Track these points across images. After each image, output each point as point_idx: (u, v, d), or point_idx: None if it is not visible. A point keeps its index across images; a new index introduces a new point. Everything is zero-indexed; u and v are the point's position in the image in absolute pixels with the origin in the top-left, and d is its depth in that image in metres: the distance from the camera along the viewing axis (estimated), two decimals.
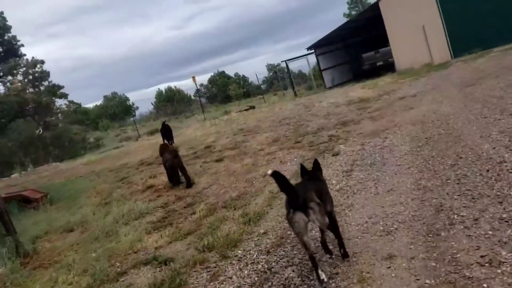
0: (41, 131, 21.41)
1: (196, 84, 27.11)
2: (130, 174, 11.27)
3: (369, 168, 6.69)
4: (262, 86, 70.42)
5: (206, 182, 8.64)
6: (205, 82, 69.09)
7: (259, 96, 41.06)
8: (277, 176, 3.63)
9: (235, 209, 6.44)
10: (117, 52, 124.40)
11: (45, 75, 34.13)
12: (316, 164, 4.40)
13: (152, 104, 52.91)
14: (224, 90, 63.26)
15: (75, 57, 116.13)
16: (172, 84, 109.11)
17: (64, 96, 36.62)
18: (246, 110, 24.34)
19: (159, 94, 52.29)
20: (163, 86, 68.04)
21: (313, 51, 28.10)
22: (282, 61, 30.81)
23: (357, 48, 29.64)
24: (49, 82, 33.63)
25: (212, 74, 68.13)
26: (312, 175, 4.29)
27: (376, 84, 19.83)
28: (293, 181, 4.72)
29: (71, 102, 67.34)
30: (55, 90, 33.44)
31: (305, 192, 3.67)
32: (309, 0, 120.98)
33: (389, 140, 8.03)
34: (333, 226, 3.95)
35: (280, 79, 44.27)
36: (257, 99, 39.40)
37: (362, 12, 27.67)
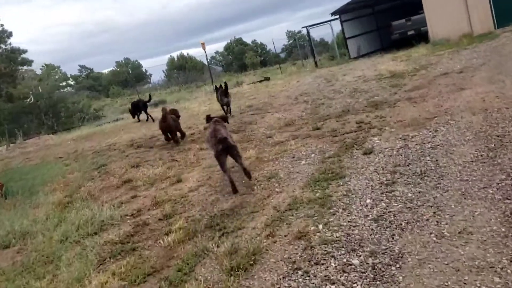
0: (32, 100, 19.58)
1: (205, 51, 24.84)
2: (112, 160, 9.35)
3: (420, 181, 4.60)
4: (281, 55, 67.73)
5: (195, 180, 6.66)
6: (221, 49, 66.60)
7: (277, 65, 38.57)
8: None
9: (222, 234, 4.46)
10: (136, 17, 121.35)
11: (5, 35, 26.94)
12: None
13: (164, 72, 50.79)
14: (240, 58, 60.63)
15: (94, 21, 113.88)
16: (190, 51, 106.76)
17: (28, 63, 28.78)
18: (259, 81, 22.11)
19: (171, 61, 49.86)
20: (176, 54, 65.55)
21: (337, 17, 25.40)
22: (302, 27, 28.25)
23: (387, 15, 26.77)
24: (5, 46, 26.44)
25: (229, 41, 65.41)
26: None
27: (409, 55, 17.32)
28: None
29: (83, 67, 66.05)
30: (15, 56, 26.60)
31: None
32: None
33: (442, 135, 5.87)
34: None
35: (300, 47, 41.50)
36: (275, 68, 36.94)
37: None
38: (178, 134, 9.77)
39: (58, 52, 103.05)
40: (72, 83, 62.19)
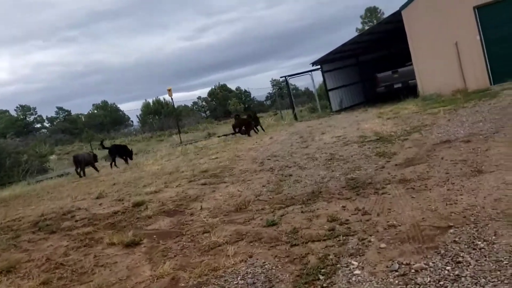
0: None
1: (172, 98, 22.56)
2: None
3: None
4: (265, 102, 66.23)
5: None
6: (205, 95, 64.88)
7: (261, 113, 36.53)
8: None
9: None
10: (127, 60, 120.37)
11: None
12: None
13: (138, 117, 48.23)
14: (224, 105, 58.79)
15: (86, 63, 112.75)
16: (177, 95, 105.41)
17: None
18: (233, 133, 19.80)
19: (146, 105, 47.48)
20: (152, 98, 62.66)
21: (319, 66, 23.59)
22: (281, 77, 26.49)
23: (372, 66, 25.07)
24: None
25: (213, 87, 63.73)
26: None
27: (396, 112, 15.24)
28: None
29: (60, 108, 63.52)
30: None
31: None
32: (325, 16, 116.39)
33: (470, 272, 3.40)
34: None
35: (281, 97, 39.75)
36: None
37: (380, 23, 23.22)
38: None
39: (48, 90, 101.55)
40: (47, 125, 59.63)
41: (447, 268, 3.51)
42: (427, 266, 3.61)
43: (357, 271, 3.79)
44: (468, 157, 6.81)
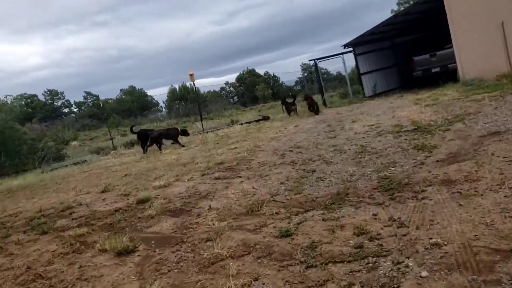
0: None
1: (194, 83, 21.69)
2: None
3: None
4: (295, 87, 64.69)
5: None
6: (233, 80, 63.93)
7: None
8: None
9: None
10: (158, 44, 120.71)
11: None
12: None
13: (164, 102, 47.80)
14: (252, 90, 57.69)
15: (117, 47, 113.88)
16: (201, 81, 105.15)
17: None
18: (257, 121, 18.85)
19: (172, 91, 46.89)
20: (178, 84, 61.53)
21: (351, 49, 22.21)
22: (310, 60, 25.18)
23: (408, 49, 23.46)
24: None
25: (241, 72, 62.63)
26: None
27: (435, 98, 13.92)
28: None
29: (88, 93, 63.95)
30: None
31: None
32: None
33: None
34: None
35: (311, 81, 38.38)
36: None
37: (417, 2, 21.48)
38: None
39: (80, 76, 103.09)
40: (75, 110, 60.27)
41: None
42: None
43: None
44: None
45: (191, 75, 19.84)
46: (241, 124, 18.65)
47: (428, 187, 5.21)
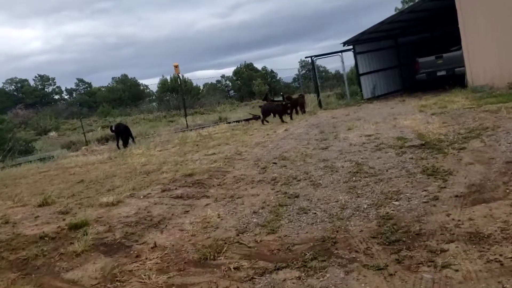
0: None
1: (178, 74, 20.11)
2: None
3: None
4: (293, 84, 63.07)
5: None
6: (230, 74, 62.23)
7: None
8: None
9: None
10: (158, 34, 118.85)
11: None
12: None
13: (154, 94, 45.92)
14: (249, 85, 56.04)
15: (118, 35, 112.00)
16: (197, 73, 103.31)
17: None
18: (247, 120, 17.31)
19: (163, 82, 44.95)
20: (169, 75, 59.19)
21: (351, 47, 20.66)
22: (306, 57, 23.60)
23: (411, 50, 21.92)
24: None
25: (239, 65, 60.84)
26: None
27: (443, 106, 12.42)
28: None
29: (80, 80, 62.07)
30: None
31: None
32: None
33: None
34: None
35: (309, 79, 36.80)
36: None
37: (423, 0, 19.97)
38: None
39: (80, 62, 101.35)
40: (66, 97, 58.46)
41: None
42: None
43: None
44: None
45: (176, 67, 18.27)
46: (229, 123, 17.10)
47: (450, 243, 3.70)
